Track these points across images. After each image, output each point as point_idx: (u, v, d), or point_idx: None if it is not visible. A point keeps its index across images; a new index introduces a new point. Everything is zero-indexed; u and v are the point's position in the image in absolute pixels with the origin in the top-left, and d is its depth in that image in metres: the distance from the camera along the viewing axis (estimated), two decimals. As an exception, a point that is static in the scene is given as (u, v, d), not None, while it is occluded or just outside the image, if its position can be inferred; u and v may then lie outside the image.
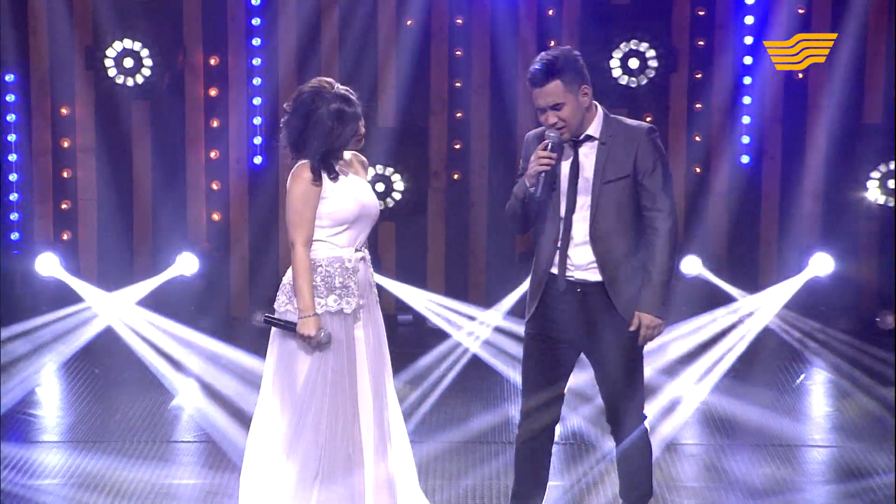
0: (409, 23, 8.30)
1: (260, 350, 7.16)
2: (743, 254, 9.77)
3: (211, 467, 7.09)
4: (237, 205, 8.66)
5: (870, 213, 9.36)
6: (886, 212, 9.15)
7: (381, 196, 8.69)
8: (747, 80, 9.43)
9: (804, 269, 9.25)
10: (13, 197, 8.42)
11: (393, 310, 8.77)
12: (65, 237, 8.96)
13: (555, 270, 5.07)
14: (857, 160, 9.27)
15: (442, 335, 8.98)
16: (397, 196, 8.73)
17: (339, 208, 5.05)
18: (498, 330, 9.09)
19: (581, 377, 5.98)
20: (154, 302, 8.93)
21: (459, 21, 8.37)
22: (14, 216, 8.81)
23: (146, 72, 8.10)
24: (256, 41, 8.32)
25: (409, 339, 9.21)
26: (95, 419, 7.76)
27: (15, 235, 8.84)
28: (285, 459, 5.31)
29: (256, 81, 8.39)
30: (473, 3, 8.64)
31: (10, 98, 8.14)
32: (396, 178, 8.70)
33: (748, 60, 9.28)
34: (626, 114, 8.55)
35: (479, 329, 9.00)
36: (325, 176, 5.02)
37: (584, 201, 5.07)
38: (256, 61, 8.30)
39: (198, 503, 6.57)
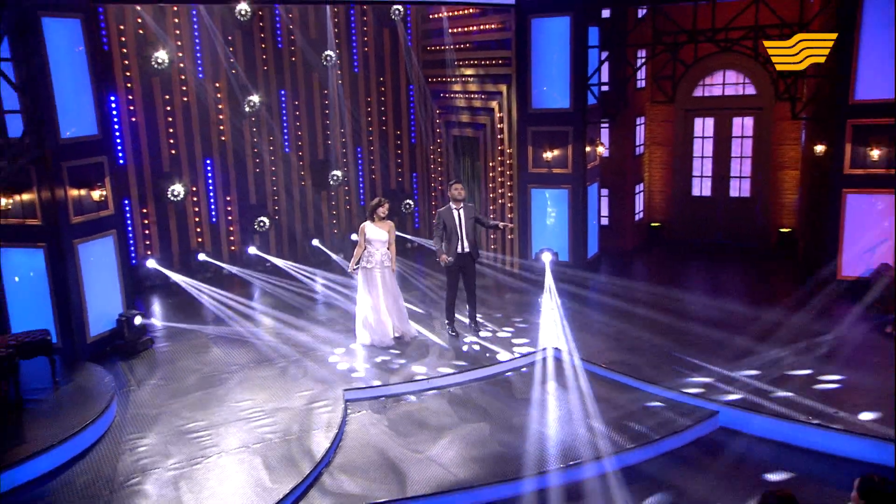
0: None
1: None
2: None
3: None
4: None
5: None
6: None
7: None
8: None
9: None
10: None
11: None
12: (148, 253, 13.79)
13: (459, 249, 10.15)
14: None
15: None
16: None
17: (368, 237, 10.10)
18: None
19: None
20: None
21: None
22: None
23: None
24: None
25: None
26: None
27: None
28: (359, 313, 10.47)
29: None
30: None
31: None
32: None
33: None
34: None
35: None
36: (367, 224, 10.04)
37: (464, 226, 10.24)
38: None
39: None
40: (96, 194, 10.63)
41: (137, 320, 10.88)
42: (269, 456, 7.77)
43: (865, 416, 8.14)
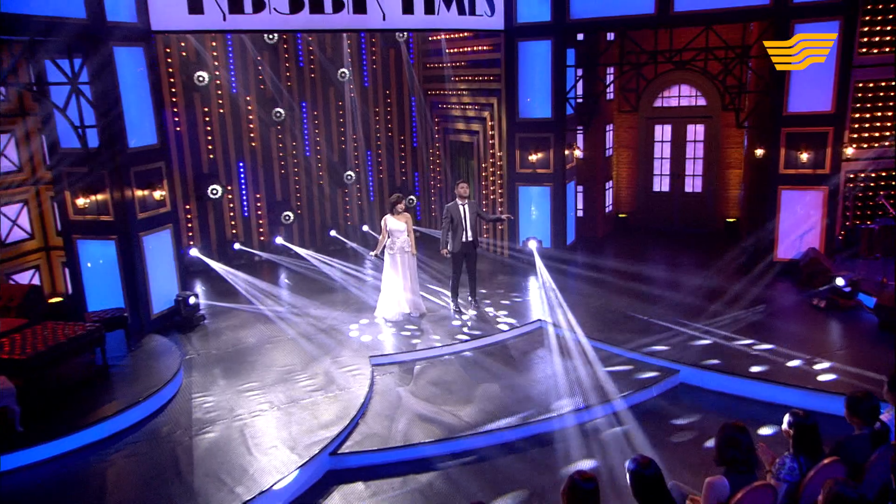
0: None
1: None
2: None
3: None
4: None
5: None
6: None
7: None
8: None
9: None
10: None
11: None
12: (191, 243, 14.07)
13: (464, 239, 10.34)
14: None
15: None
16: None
17: (389, 228, 10.25)
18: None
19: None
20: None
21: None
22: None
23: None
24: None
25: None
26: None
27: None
28: (384, 290, 10.60)
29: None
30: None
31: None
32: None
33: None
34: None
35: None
36: (388, 217, 10.21)
37: (468, 219, 10.41)
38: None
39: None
40: (157, 194, 11.02)
41: (192, 300, 11.28)
42: (315, 409, 8.25)
43: (793, 372, 8.69)
